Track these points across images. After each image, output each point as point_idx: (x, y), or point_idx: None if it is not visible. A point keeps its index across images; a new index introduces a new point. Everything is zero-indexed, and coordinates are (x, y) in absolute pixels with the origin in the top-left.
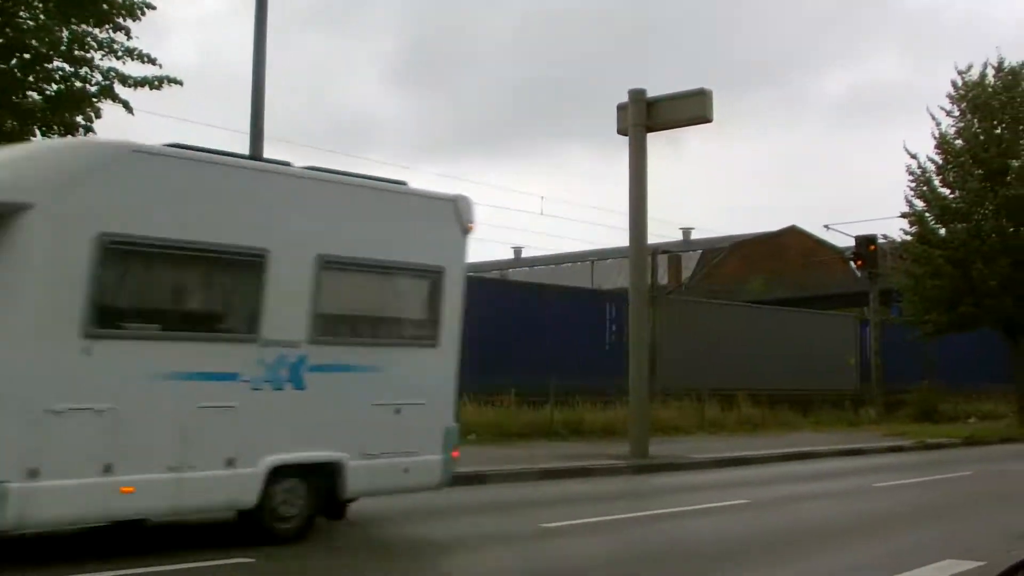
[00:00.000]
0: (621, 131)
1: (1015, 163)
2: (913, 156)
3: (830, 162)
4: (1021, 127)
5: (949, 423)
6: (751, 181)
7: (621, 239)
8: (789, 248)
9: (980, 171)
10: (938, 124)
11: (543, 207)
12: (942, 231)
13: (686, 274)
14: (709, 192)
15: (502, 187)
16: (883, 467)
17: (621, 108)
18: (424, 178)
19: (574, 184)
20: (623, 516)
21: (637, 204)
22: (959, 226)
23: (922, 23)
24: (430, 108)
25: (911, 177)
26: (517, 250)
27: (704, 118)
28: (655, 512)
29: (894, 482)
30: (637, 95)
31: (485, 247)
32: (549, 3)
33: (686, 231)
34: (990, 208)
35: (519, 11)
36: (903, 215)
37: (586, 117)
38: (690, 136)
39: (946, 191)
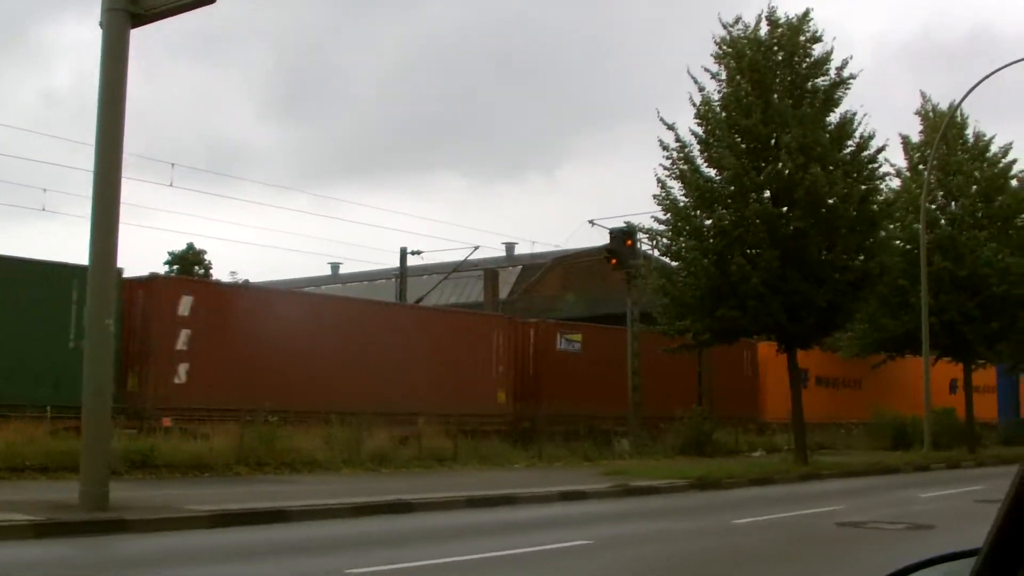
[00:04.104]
0: (102, 24)
1: (787, 136)
2: (670, 127)
3: None
4: (798, 92)
5: (726, 457)
6: (617, 208)
7: None
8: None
9: (744, 143)
10: (701, 88)
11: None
12: (708, 221)
13: (504, 291)
14: (578, 217)
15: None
16: (477, 529)
17: None
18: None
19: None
20: None
21: (108, 131)
22: (722, 211)
23: None
24: (303, 138)
25: (666, 153)
26: (335, 266)
27: None
28: None
29: (389, 566)
30: None
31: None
32: (421, 41)
33: (509, 246)
34: (753, 192)
35: (388, 46)
36: (654, 198)
37: (457, 151)
38: (564, 164)
39: (712, 171)
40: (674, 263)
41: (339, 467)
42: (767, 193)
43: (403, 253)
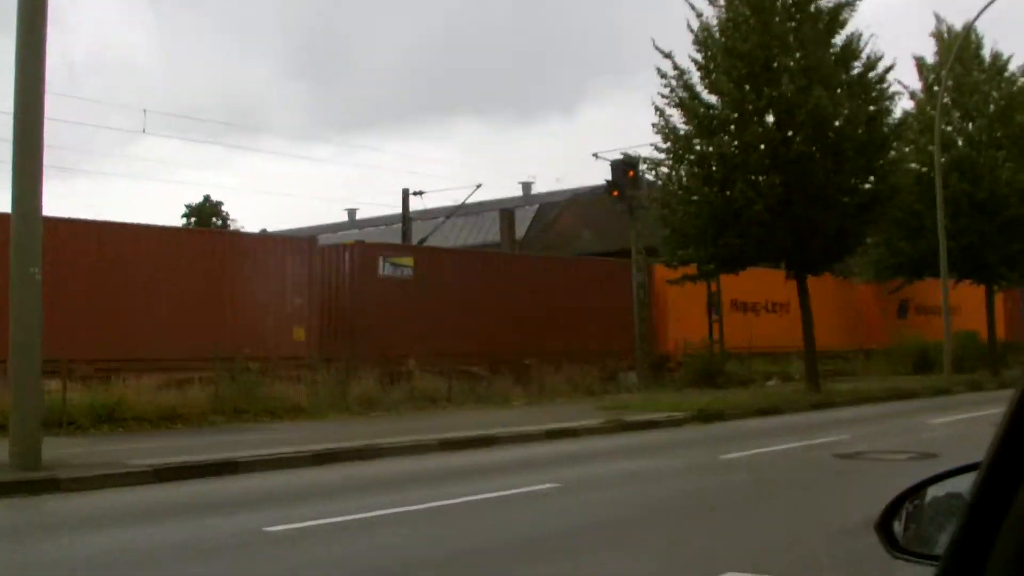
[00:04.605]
0: None
1: (787, 58)
2: (667, 55)
3: None
4: (800, 15)
5: (738, 388)
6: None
7: None
8: None
9: (743, 67)
10: (699, 14)
11: None
12: (709, 148)
13: (521, 230)
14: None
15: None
16: (439, 473)
17: None
18: (324, 149)
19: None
20: None
21: (27, 61)
22: (724, 138)
23: None
24: (321, 85)
25: (664, 81)
26: (351, 212)
27: None
28: None
29: (313, 521)
30: None
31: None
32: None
33: (525, 186)
34: (753, 115)
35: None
36: (653, 127)
37: (474, 93)
38: (584, 104)
39: (713, 98)
40: (677, 191)
41: (325, 413)
42: (770, 118)
43: (405, 194)
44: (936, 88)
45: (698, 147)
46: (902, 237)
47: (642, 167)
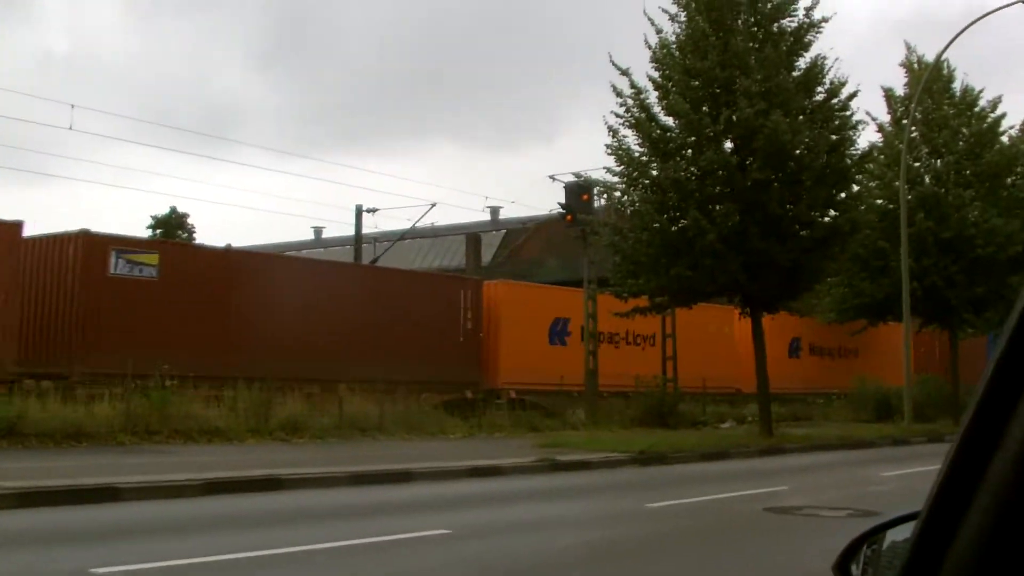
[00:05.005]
0: None
1: (747, 80)
2: (624, 72)
3: None
4: (762, 34)
5: (690, 429)
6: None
7: None
8: None
9: (701, 88)
10: (659, 31)
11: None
12: (663, 172)
13: (487, 256)
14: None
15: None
16: (333, 511)
17: None
18: (303, 164)
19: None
20: None
21: None
22: (679, 162)
23: None
24: (298, 99)
25: (619, 100)
26: (317, 230)
27: None
28: None
29: (151, 563)
30: None
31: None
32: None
33: (494, 210)
34: (710, 139)
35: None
36: (607, 148)
37: (451, 111)
38: (561, 132)
39: (670, 120)
40: (629, 215)
41: (244, 436)
42: (728, 144)
43: (359, 211)
44: (905, 121)
45: (653, 172)
46: (864, 277)
47: (596, 190)
